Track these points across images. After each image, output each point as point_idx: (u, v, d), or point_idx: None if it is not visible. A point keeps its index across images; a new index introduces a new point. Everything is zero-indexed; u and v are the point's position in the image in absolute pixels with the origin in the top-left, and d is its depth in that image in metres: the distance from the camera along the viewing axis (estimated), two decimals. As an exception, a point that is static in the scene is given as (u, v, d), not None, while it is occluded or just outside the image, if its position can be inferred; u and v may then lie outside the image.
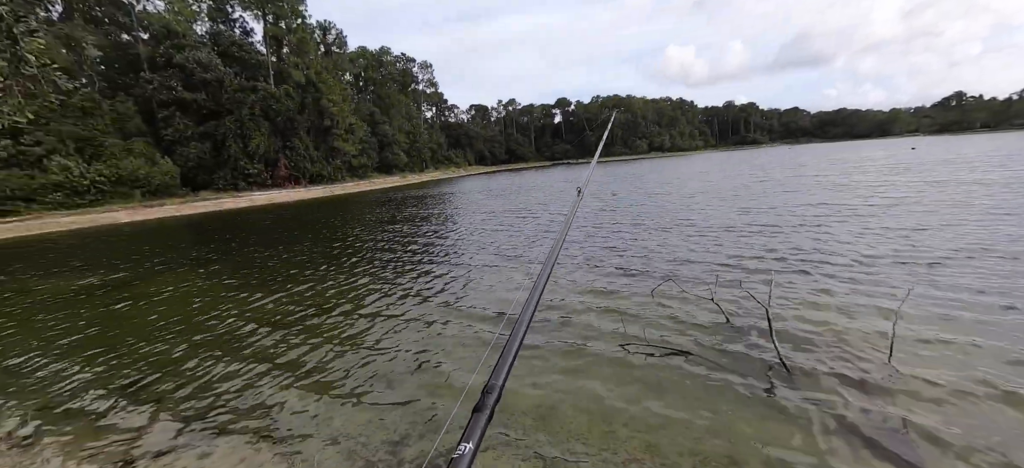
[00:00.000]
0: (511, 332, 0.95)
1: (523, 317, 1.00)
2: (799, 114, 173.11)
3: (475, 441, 0.68)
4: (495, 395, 0.78)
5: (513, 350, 0.90)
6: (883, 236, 8.42)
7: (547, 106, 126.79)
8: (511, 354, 0.88)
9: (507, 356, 0.87)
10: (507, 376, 0.84)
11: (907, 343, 4.19)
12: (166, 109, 41.51)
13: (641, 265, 7.87)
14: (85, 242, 18.73)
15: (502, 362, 0.86)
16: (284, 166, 47.78)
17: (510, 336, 0.93)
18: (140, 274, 10.61)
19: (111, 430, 3.85)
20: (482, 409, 0.74)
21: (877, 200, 12.82)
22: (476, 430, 0.70)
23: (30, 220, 27.32)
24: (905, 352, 4.05)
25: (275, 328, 6.09)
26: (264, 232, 17.72)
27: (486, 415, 0.74)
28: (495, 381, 0.81)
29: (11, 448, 3.59)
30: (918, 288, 5.43)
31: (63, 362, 5.42)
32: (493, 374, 0.83)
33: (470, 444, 0.66)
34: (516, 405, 3.73)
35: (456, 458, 0.64)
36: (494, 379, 0.81)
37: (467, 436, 0.68)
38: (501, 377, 0.82)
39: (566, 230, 1.44)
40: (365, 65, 72.40)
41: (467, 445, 0.66)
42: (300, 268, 9.87)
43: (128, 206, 32.76)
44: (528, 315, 1.01)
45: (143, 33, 44.15)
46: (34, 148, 31.10)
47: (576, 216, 14.56)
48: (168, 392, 4.46)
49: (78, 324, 6.95)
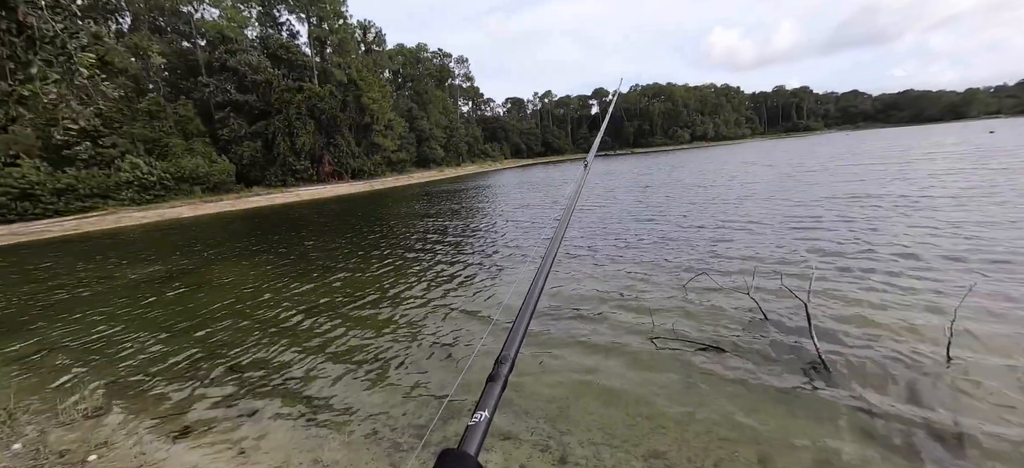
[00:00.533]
0: (522, 302, 0.94)
1: (534, 287, 0.98)
2: (859, 97, 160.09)
3: (490, 409, 0.69)
4: (508, 365, 0.79)
5: (525, 320, 0.89)
6: (941, 230, 7.70)
7: (584, 97, 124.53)
8: (523, 324, 0.88)
9: (519, 326, 0.87)
10: (520, 346, 0.84)
11: (966, 344, 3.87)
12: (222, 110, 44.39)
13: (673, 258, 7.66)
14: (153, 234, 20.48)
15: (514, 332, 0.86)
16: (328, 162, 49.93)
17: (521, 306, 0.93)
18: (200, 263, 11.52)
19: (170, 402, 4.25)
20: (496, 378, 0.76)
21: (938, 190, 11.73)
22: (490, 399, 0.71)
23: (107, 215, 30.17)
24: (964, 354, 3.74)
25: (319, 313, 6.45)
26: (310, 224, 18.66)
27: (500, 384, 0.75)
28: (508, 351, 0.82)
29: (84, 418, 4.04)
30: (981, 285, 4.96)
31: (133, 341, 6.02)
32: (506, 345, 0.83)
33: (485, 412, 0.68)
34: (538, 394, 3.78)
35: (472, 426, 0.65)
36: (507, 349, 0.82)
37: (482, 404, 0.69)
38: (514, 347, 0.83)
39: (574, 202, 1.41)
40: (403, 62, 73.99)
41: (482, 413, 0.68)
42: (341, 258, 10.36)
43: (190, 201, 35.43)
44: (539, 285, 1.00)
45: (200, 40, 47.27)
46: (111, 150, 34.29)
47: (589, 206, 14.38)
48: (224, 370, 4.86)
49: (148, 307, 7.67)
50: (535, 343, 4.75)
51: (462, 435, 0.64)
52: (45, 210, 29.81)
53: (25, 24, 3.78)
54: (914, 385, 3.44)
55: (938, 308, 4.63)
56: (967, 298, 4.13)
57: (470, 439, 0.63)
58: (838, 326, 4.49)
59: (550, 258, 1.09)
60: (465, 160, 77.84)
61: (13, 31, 3.83)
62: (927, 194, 11.26)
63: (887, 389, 3.42)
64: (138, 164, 34.69)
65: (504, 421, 3.43)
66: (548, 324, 5.28)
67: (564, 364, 4.30)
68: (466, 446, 0.62)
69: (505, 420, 3.45)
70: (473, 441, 0.63)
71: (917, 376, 3.54)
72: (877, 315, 4.65)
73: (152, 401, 4.35)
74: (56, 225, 26.56)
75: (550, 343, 4.77)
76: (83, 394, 4.30)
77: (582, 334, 4.93)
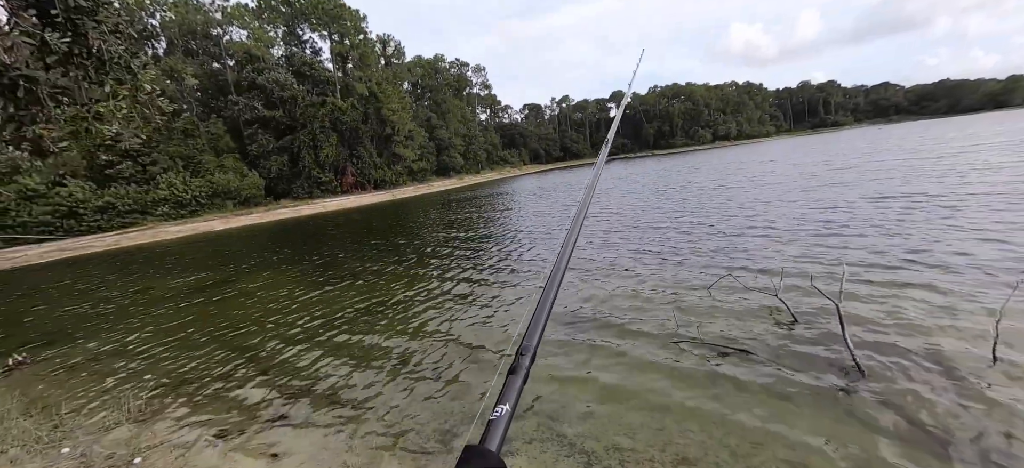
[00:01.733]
0: (541, 293, 0.93)
1: (553, 278, 0.97)
2: (891, 89, 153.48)
3: (512, 402, 0.69)
4: (529, 356, 0.79)
5: (545, 311, 0.88)
6: (980, 227, 7.27)
7: (601, 100, 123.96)
8: (543, 315, 0.87)
9: (539, 317, 0.87)
10: (541, 337, 0.84)
11: (1014, 343, 3.66)
12: (250, 127, 46.21)
13: (697, 261, 7.52)
14: (189, 247, 21.41)
15: (534, 324, 0.85)
16: (351, 174, 51.21)
17: (540, 297, 0.91)
18: (233, 273, 11.97)
19: (208, 407, 4.44)
20: (517, 371, 0.76)
21: (979, 186, 11.13)
22: (512, 391, 0.71)
23: (146, 229, 31.73)
24: (1012, 354, 3.54)
25: (344, 319, 6.62)
26: (335, 235, 19.15)
27: (521, 377, 0.75)
28: (529, 342, 0.82)
29: (130, 421, 4.25)
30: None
31: (172, 349, 6.31)
32: (526, 336, 0.83)
33: (507, 405, 0.68)
34: (562, 397, 3.77)
35: (494, 419, 0.65)
36: (528, 341, 0.82)
37: (503, 398, 0.70)
38: (535, 338, 0.82)
39: (591, 192, 1.38)
40: (421, 73, 75.40)
41: (504, 406, 0.67)
42: (365, 265, 10.60)
43: (222, 215, 36.92)
44: (558, 275, 0.98)
45: (230, 60, 49.42)
46: (151, 167, 36.18)
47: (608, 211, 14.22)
48: (257, 375, 5.04)
49: (185, 316, 8.03)
50: (558, 348, 4.75)
51: (484, 429, 0.63)
52: (88, 226, 31.60)
53: (95, 48, 4.12)
54: (958, 388, 3.27)
55: (980, 307, 4.40)
56: (1014, 297, 3.92)
57: (492, 434, 0.63)
58: (872, 327, 4.32)
59: (568, 249, 1.08)
60: (484, 167, 78.48)
61: (85, 55, 4.16)
62: (964, 189, 10.70)
63: (928, 393, 3.27)
64: (174, 183, 36.42)
65: (528, 425, 3.44)
66: (571, 327, 5.27)
67: (588, 368, 4.27)
68: (488, 441, 0.62)
69: (529, 424, 3.45)
70: (495, 435, 0.63)
71: (961, 379, 3.37)
72: (914, 314, 4.45)
73: (191, 406, 4.54)
74: (98, 241, 28.10)
75: (573, 347, 4.75)
76: (127, 400, 4.54)
77: (606, 337, 4.89)
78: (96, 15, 3.93)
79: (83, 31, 3.96)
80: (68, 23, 3.83)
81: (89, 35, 4.07)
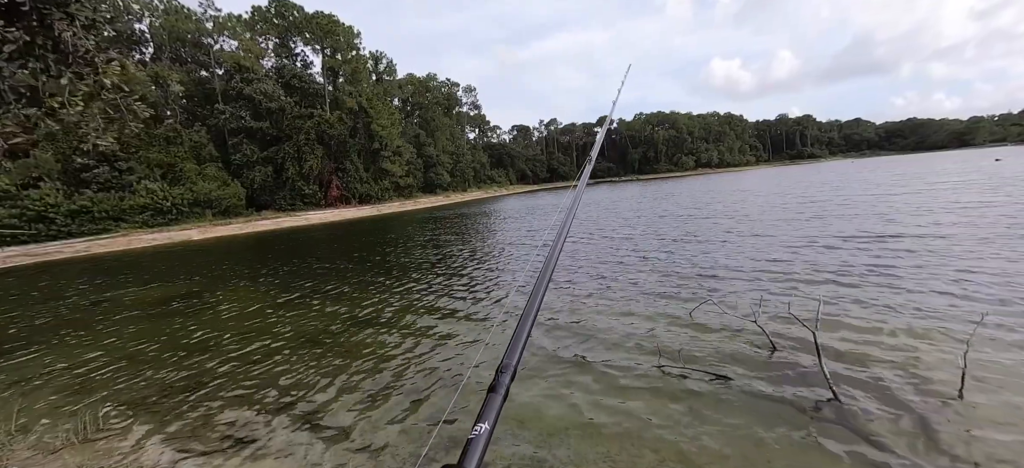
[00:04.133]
0: (523, 311, 0.90)
1: (534, 296, 0.95)
2: (862, 125, 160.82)
3: (491, 421, 0.67)
4: (510, 374, 0.77)
5: (526, 329, 0.86)
6: (951, 259, 7.60)
7: (588, 125, 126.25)
8: (524, 333, 0.85)
9: (520, 335, 0.84)
10: (521, 355, 0.81)
11: (980, 377, 3.75)
12: (235, 136, 45.60)
13: (677, 286, 7.58)
14: (163, 257, 20.72)
15: (515, 342, 0.83)
16: (336, 187, 50.71)
17: (522, 315, 0.89)
18: (207, 285, 11.58)
19: (172, 425, 4.21)
20: (497, 389, 0.73)
21: (949, 218, 11.62)
22: (491, 410, 0.69)
23: (120, 237, 30.66)
24: (978, 387, 3.62)
25: (321, 336, 6.42)
26: (317, 248, 18.80)
27: (501, 395, 0.72)
28: (509, 359, 0.79)
29: (82, 441, 4.00)
30: (992, 316, 4.85)
31: (138, 362, 6.01)
32: (506, 354, 0.80)
33: (486, 424, 0.65)
34: (540, 423, 3.70)
35: (473, 438, 0.63)
36: (508, 358, 0.79)
37: (483, 416, 0.67)
38: (515, 356, 0.80)
39: (576, 206, 1.37)
40: (412, 90, 75.89)
41: (483, 425, 0.65)
42: (345, 281, 10.38)
43: (200, 225, 35.97)
44: (539, 294, 0.96)
45: (218, 69, 48.98)
46: (127, 175, 35.17)
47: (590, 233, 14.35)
48: (226, 392, 4.82)
49: (153, 329, 7.69)
50: (538, 373, 4.68)
51: (462, 449, 0.61)
52: (58, 232, 30.38)
53: (61, 40, 3.96)
54: (926, 419, 3.32)
55: (950, 338, 4.52)
56: (982, 326, 4.04)
57: (470, 454, 0.61)
58: (846, 357, 4.39)
59: (550, 266, 1.06)
60: (471, 185, 78.64)
61: (49, 47, 4.01)
62: (937, 223, 11.14)
63: (899, 422, 3.31)
64: (154, 190, 35.46)
65: (505, 449, 3.35)
66: (550, 352, 5.21)
67: (567, 392, 4.22)
68: (466, 462, 0.59)
69: (506, 449, 3.37)
70: (473, 456, 0.61)
71: (929, 410, 3.43)
72: (886, 345, 4.54)
73: (154, 424, 4.31)
74: (67, 247, 27.01)
75: (552, 372, 4.69)
76: (82, 418, 4.28)
77: (585, 362, 4.85)
78: (68, 7, 3.79)
79: (49, 21, 3.80)
80: (34, 13, 3.69)
81: (55, 24, 3.92)
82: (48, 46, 3.95)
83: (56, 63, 4.10)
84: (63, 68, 4.14)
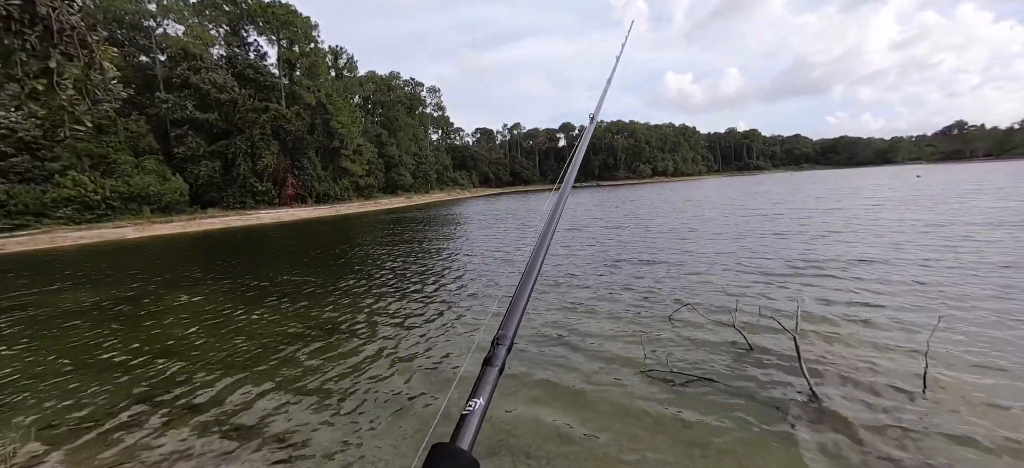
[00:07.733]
0: (520, 280, 0.86)
1: (532, 265, 0.91)
2: (801, 141, 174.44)
3: (486, 396, 0.62)
4: (506, 346, 0.72)
5: (524, 298, 0.82)
6: (906, 267, 8.29)
7: (551, 130, 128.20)
8: (521, 303, 0.81)
9: (517, 305, 0.80)
10: (518, 326, 0.77)
11: (942, 373, 4.07)
12: (179, 128, 42.31)
13: (656, 290, 7.77)
14: (92, 257, 18.78)
15: (512, 311, 0.78)
16: (292, 185, 48.28)
17: (519, 284, 0.85)
18: (145, 290, 10.57)
19: (110, 450, 3.74)
20: (492, 361, 0.68)
21: (900, 226, 12.73)
22: (487, 384, 0.64)
23: (39, 234, 27.53)
24: (940, 382, 3.93)
25: (275, 345, 6.00)
26: (267, 251, 17.74)
27: (497, 368, 0.67)
28: (506, 331, 0.74)
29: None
30: (949, 314, 5.31)
31: (65, 380, 5.33)
32: (503, 325, 0.75)
33: (480, 399, 0.61)
34: (524, 426, 3.62)
35: (466, 415, 0.59)
36: (503, 329, 0.74)
37: (478, 391, 0.62)
38: (512, 327, 0.75)
39: (571, 176, 1.33)
40: (374, 89, 73.80)
41: (478, 400, 0.61)
42: (296, 286, 9.81)
43: (137, 222, 33.01)
44: (538, 262, 0.92)
45: (161, 55, 45.34)
46: (52, 164, 31.60)
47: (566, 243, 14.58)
48: (173, 410, 4.36)
49: (84, 340, 6.88)
50: (519, 379, 4.59)
51: (455, 426, 0.57)
52: (-36, 227, 26.88)
53: (40, 15, 3.40)
54: (898, 414, 3.56)
55: (912, 338, 4.91)
56: (940, 327, 4.40)
57: (464, 431, 0.57)
58: (821, 356, 4.63)
59: (548, 236, 1.02)
60: (434, 187, 77.50)
61: (26, 22, 3.44)
62: (896, 233, 12.15)
63: (874, 419, 3.52)
64: (83, 181, 32.13)
65: (488, 450, 3.24)
66: (529, 356, 5.15)
67: (547, 398, 4.17)
68: (460, 440, 0.56)
69: (488, 450, 3.25)
70: (467, 433, 0.57)
71: (900, 405, 3.68)
72: (860, 346, 4.86)
73: (89, 449, 3.80)
74: (-24, 245, 23.91)
75: (531, 377, 4.63)
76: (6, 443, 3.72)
77: (566, 366, 4.83)
78: None
79: None
80: None
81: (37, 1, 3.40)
82: (25, 22, 3.40)
83: (41, 41, 3.53)
84: (51, 49, 3.58)
